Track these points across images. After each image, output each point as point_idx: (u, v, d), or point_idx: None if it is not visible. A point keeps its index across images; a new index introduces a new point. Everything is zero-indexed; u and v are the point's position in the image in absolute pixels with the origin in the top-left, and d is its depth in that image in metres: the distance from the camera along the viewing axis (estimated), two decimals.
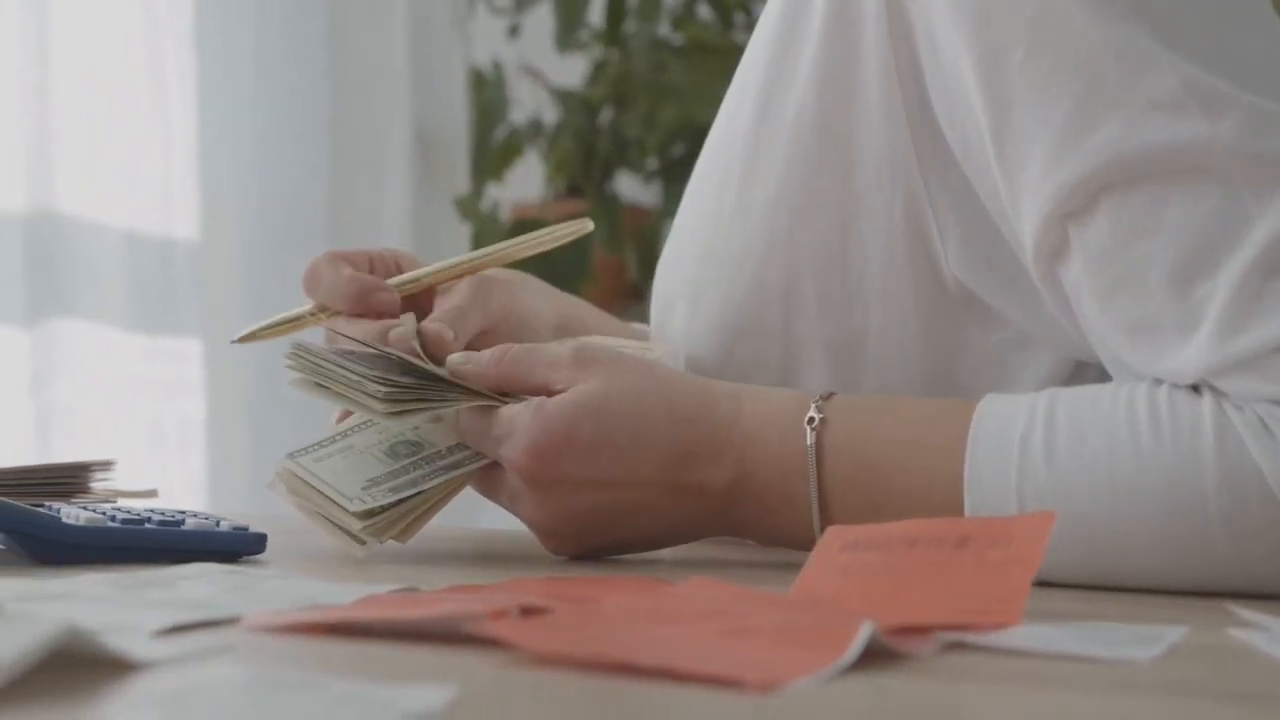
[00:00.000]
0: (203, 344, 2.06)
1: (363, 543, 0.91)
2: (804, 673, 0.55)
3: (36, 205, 1.88)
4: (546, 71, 2.66)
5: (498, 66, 2.61)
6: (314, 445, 0.96)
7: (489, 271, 1.05)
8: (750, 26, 2.56)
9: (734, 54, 2.50)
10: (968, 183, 0.92)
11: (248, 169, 2.17)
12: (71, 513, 0.87)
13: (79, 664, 0.53)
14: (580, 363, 0.90)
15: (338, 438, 0.96)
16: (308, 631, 0.63)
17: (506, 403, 0.92)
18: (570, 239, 1.06)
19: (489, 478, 0.93)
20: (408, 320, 0.99)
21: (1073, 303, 0.88)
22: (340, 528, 0.91)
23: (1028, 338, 0.95)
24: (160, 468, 1.96)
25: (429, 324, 0.98)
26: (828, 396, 0.90)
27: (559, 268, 2.40)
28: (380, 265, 1.05)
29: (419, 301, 1.03)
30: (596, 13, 2.61)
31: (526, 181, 2.65)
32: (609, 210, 2.54)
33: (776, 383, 0.99)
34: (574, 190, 2.61)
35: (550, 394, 0.90)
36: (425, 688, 0.51)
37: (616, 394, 0.89)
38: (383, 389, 0.90)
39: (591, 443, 0.88)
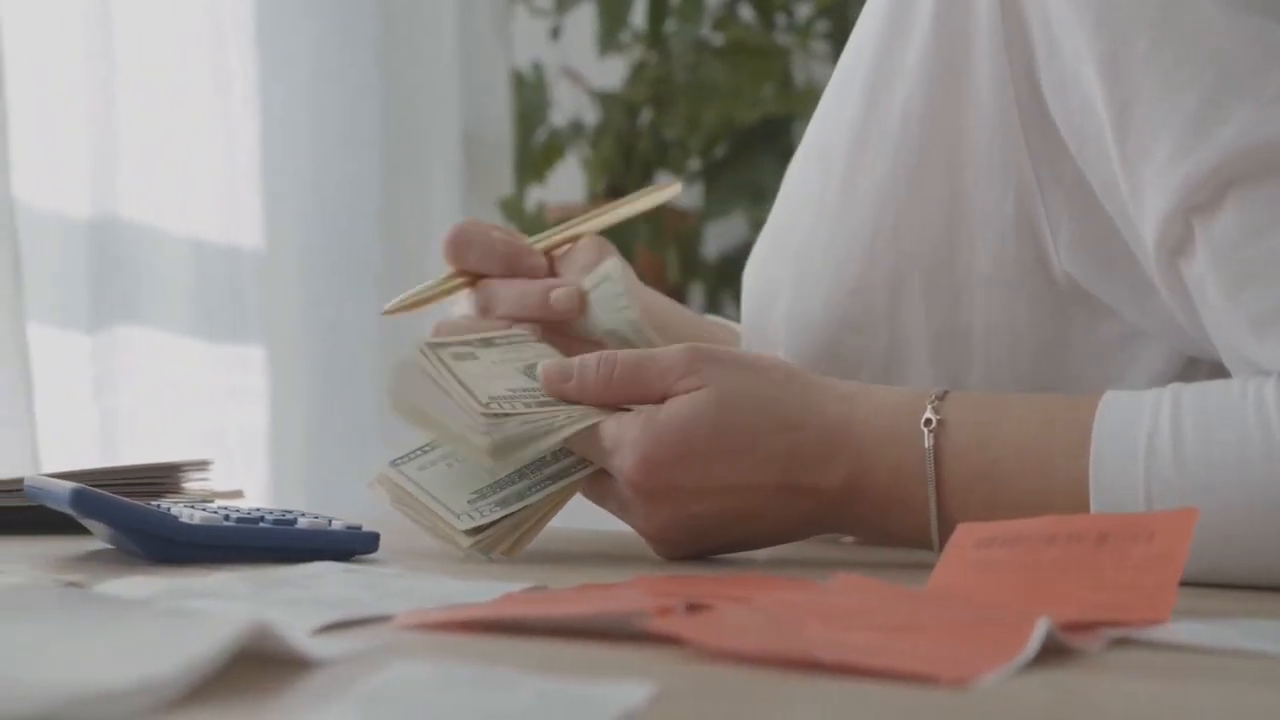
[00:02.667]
0: (266, 350, 2.06)
1: (464, 549, 0.90)
2: (991, 667, 0.55)
3: (101, 212, 1.88)
4: (585, 73, 2.66)
5: (538, 68, 2.60)
6: (416, 452, 0.94)
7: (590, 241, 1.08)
8: (791, 28, 2.56)
9: (775, 55, 2.51)
10: (1081, 177, 0.91)
11: (306, 176, 2.17)
12: (187, 512, 0.86)
13: (247, 662, 0.53)
14: (694, 368, 0.89)
15: (439, 443, 0.94)
16: (464, 629, 0.63)
17: (613, 413, 0.90)
18: (663, 200, 1.13)
19: (598, 485, 0.92)
20: (568, 280, 1.01)
21: (1194, 297, 0.87)
22: (449, 541, 0.90)
23: (1136, 333, 0.94)
24: (223, 474, 1.95)
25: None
26: (942, 396, 0.89)
27: None
28: (503, 235, 1.08)
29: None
30: (638, 14, 2.60)
31: (566, 183, 2.65)
32: (651, 211, 2.53)
33: (880, 377, 0.98)
34: (615, 191, 2.60)
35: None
36: (625, 685, 0.50)
37: (729, 401, 0.88)
38: (486, 441, 0.88)
39: (704, 452, 0.87)
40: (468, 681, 0.50)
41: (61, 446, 1.81)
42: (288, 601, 0.69)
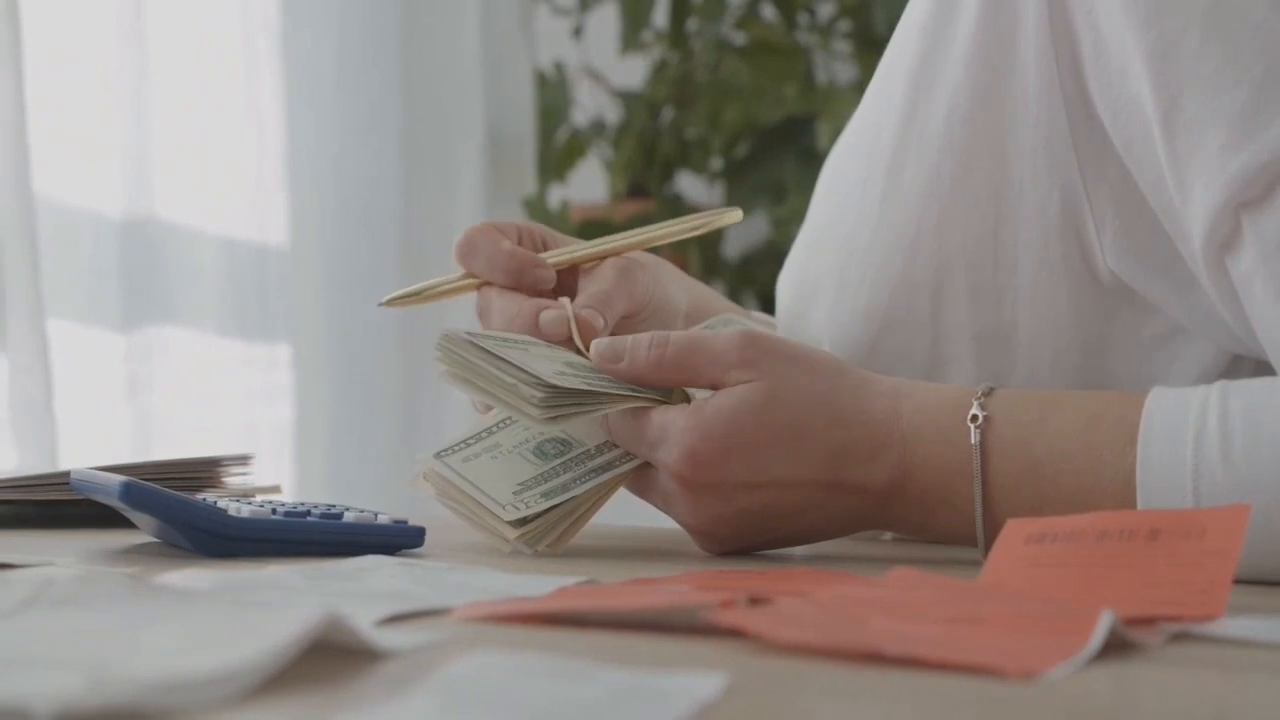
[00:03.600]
0: (291, 348, 2.07)
1: (510, 542, 0.90)
2: (1057, 661, 0.55)
3: (133, 211, 1.88)
4: (605, 72, 2.66)
5: (560, 68, 2.60)
6: (460, 444, 0.94)
7: (631, 255, 1.04)
8: (814, 27, 2.56)
9: (797, 54, 2.52)
10: (1127, 174, 0.91)
11: (331, 175, 2.17)
12: (235, 505, 0.87)
13: (315, 653, 0.53)
14: (747, 359, 0.88)
15: (483, 435, 0.94)
16: (524, 622, 0.63)
17: (660, 402, 0.90)
18: (717, 227, 1.06)
19: (642, 477, 0.92)
20: (563, 304, 0.98)
21: (1241, 294, 0.87)
22: (493, 533, 0.90)
23: (1180, 330, 0.95)
24: (254, 470, 1.96)
25: (580, 309, 0.97)
26: (989, 392, 0.89)
27: None
28: (528, 238, 1.05)
29: (563, 280, 1.02)
30: (659, 13, 2.60)
31: (587, 182, 2.65)
32: (673, 211, 2.54)
33: (922, 375, 0.98)
34: (636, 190, 2.61)
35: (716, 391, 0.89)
36: (699, 676, 0.50)
37: (779, 394, 0.87)
38: (539, 394, 0.88)
39: (750, 447, 0.87)
40: (543, 672, 0.50)
41: (93, 445, 1.81)
42: (344, 594, 0.69)
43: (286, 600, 0.65)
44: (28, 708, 0.42)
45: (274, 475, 1.99)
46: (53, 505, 1.00)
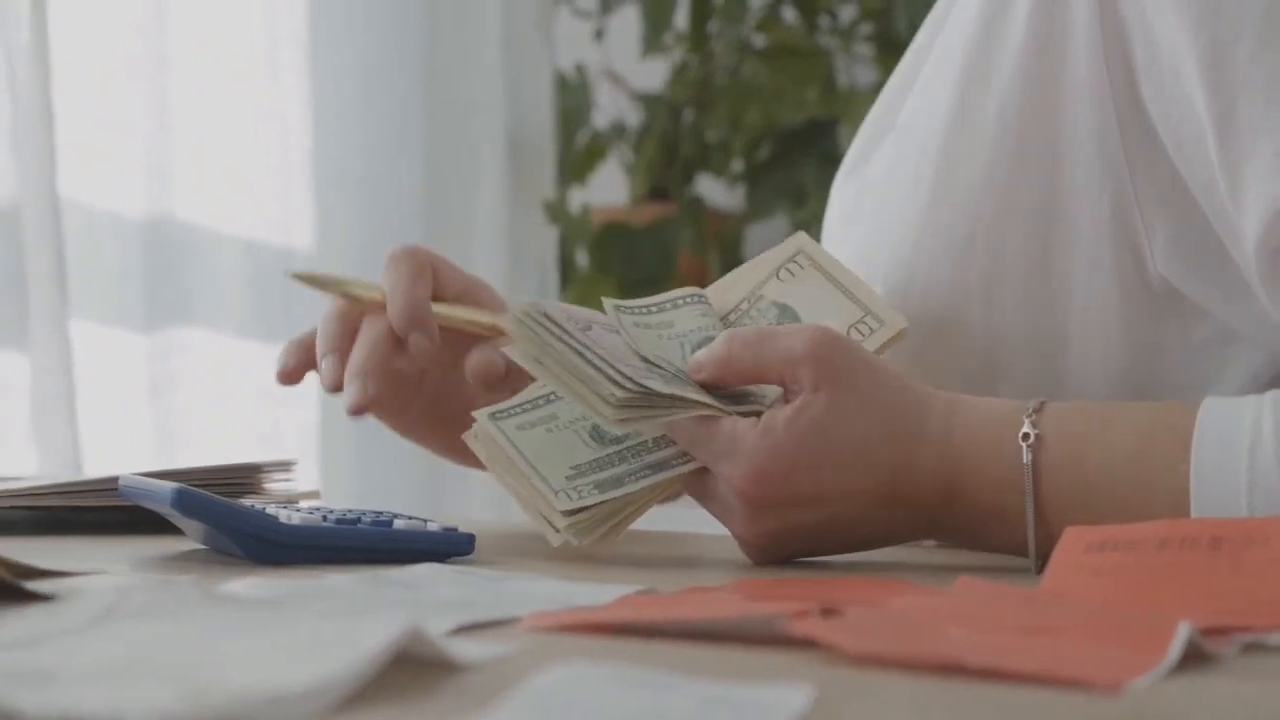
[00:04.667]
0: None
1: (558, 530, 0.88)
2: (1140, 671, 0.55)
3: (156, 212, 1.88)
4: (625, 75, 2.66)
5: (580, 70, 2.60)
6: (516, 407, 0.92)
7: None
8: (835, 30, 2.55)
9: (818, 57, 2.51)
10: (1178, 177, 0.91)
11: (354, 178, 2.17)
12: (285, 512, 0.86)
13: (393, 665, 0.52)
14: (819, 356, 0.87)
15: (539, 402, 0.92)
16: (595, 632, 0.63)
17: (729, 413, 0.88)
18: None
19: (700, 482, 0.90)
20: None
21: None
22: (539, 513, 0.89)
23: (1231, 336, 0.94)
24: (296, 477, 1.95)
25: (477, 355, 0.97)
26: (1040, 408, 0.88)
27: (645, 270, 2.40)
28: (467, 295, 1.01)
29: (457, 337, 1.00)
30: (680, 16, 2.60)
31: (608, 185, 2.65)
32: (694, 214, 2.54)
33: (970, 380, 0.97)
34: (656, 193, 2.60)
35: (787, 391, 0.88)
36: (785, 688, 0.50)
37: (842, 406, 0.86)
38: (620, 394, 0.86)
39: (815, 463, 0.86)
40: (629, 683, 0.50)
41: (115, 447, 1.81)
42: (405, 603, 0.69)
43: (350, 609, 0.65)
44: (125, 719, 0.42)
45: (299, 479, 1.98)
46: (92, 511, 1.00)
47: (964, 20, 1.00)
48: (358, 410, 0.93)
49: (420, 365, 0.99)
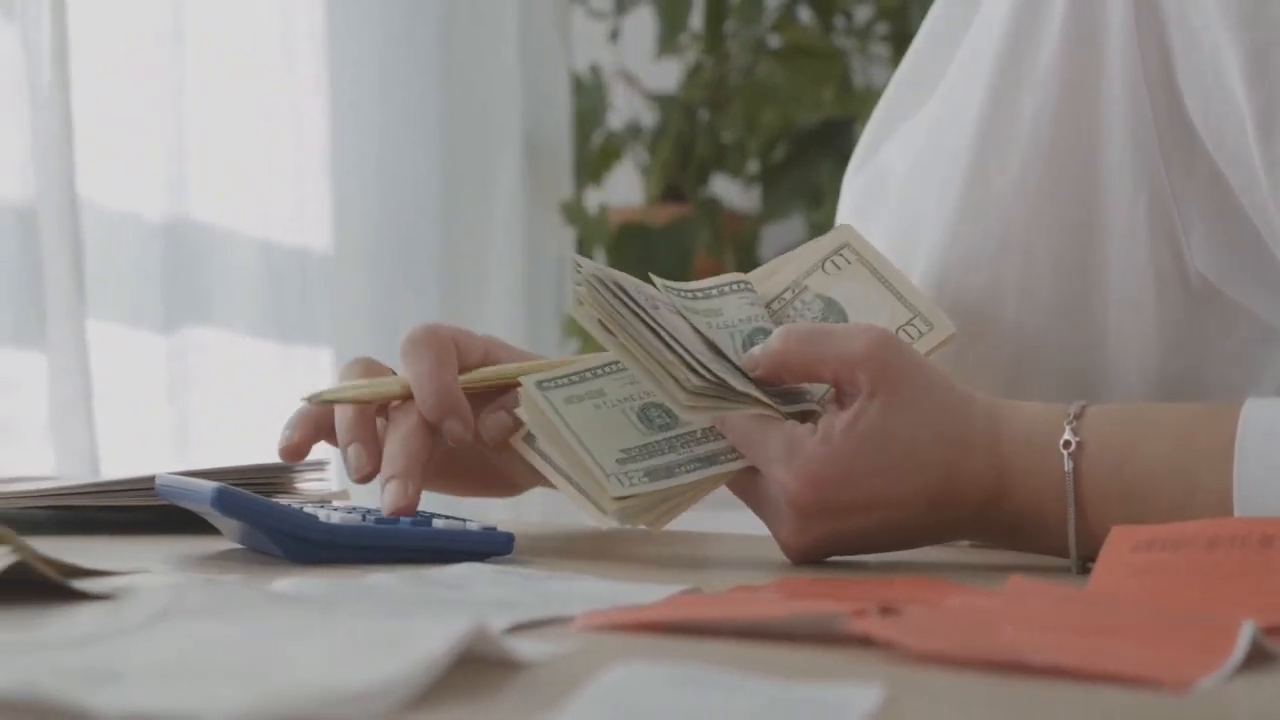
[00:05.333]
0: (333, 352, 2.06)
1: (605, 513, 0.87)
2: (1207, 671, 0.54)
3: (174, 213, 1.88)
4: (639, 75, 2.65)
5: (595, 71, 2.60)
6: (564, 377, 0.90)
7: None
8: (851, 30, 2.55)
9: (834, 57, 2.50)
10: (1217, 175, 0.91)
11: (372, 178, 2.17)
12: (324, 512, 0.86)
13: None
14: (875, 363, 0.86)
15: (587, 375, 0.90)
16: (648, 631, 0.62)
17: (783, 414, 0.87)
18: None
19: (751, 485, 0.89)
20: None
21: None
22: (583, 491, 0.87)
23: (1271, 335, 0.94)
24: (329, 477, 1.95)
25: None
26: (1080, 414, 0.87)
27: (662, 270, 2.39)
28: (489, 359, 0.99)
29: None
30: (695, 16, 2.59)
31: (623, 185, 2.64)
32: (710, 214, 2.53)
33: (1003, 382, 0.97)
34: (670, 194, 2.60)
35: (839, 391, 0.87)
36: (854, 687, 0.49)
37: (898, 416, 0.85)
38: (695, 380, 0.85)
39: (870, 471, 0.85)
40: (696, 683, 0.49)
41: (132, 447, 1.81)
42: (454, 602, 0.68)
43: (399, 608, 0.64)
44: (197, 719, 0.41)
45: (317, 481, 1.98)
46: (125, 510, 0.99)
47: (993, 21, 0.99)
48: (401, 514, 0.92)
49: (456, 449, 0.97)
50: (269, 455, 1.79)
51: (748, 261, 2.54)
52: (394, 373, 0.98)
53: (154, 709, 0.42)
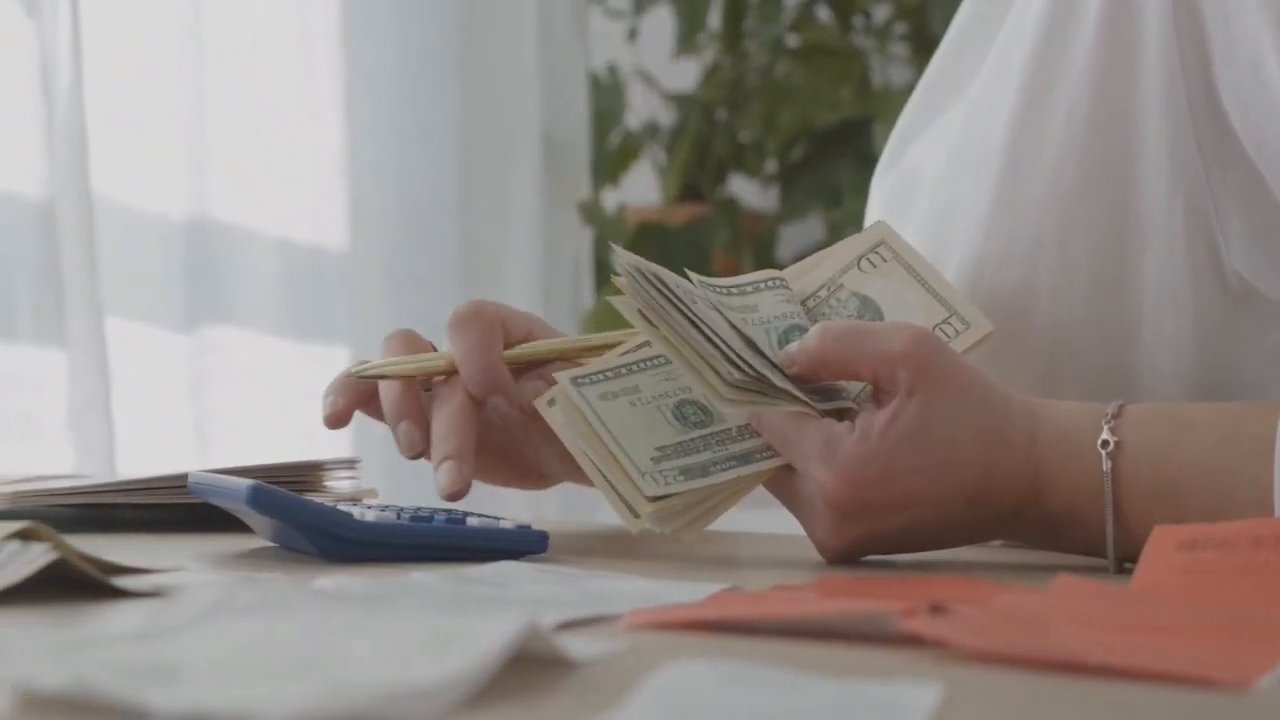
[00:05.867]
0: (351, 351, 2.06)
1: (637, 516, 0.86)
2: (1265, 669, 0.53)
3: (194, 212, 1.88)
4: (657, 75, 2.65)
5: (613, 70, 2.59)
6: (598, 374, 0.89)
7: None
8: (870, 29, 2.54)
9: (853, 57, 2.50)
10: (1254, 173, 0.90)
11: (390, 178, 2.17)
12: (359, 510, 0.85)
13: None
14: (914, 362, 0.85)
15: (622, 371, 0.90)
16: (696, 629, 0.62)
17: (820, 411, 0.87)
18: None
19: (787, 483, 0.88)
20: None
21: None
22: (617, 491, 0.86)
23: None
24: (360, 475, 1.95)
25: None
26: (1118, 413, 0.86)
27: (680, 270, 2.39)
28: (532, 336, 0.99)
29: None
30: (714, 16, 2.59)
31: (641, 185, 2.64)
32: (728, 214, 2.53)
33: (1036, 382, 0.96)
34: (689, 194, 2.59)
35: (877, 389, 0.86)
36: (914, 686, 0.49)
37: (937, 415, 0.85)
38: (736, 374, 0.84)
39: (908, 470, 0.85)
40: (754, 681, 0.49)
41: (152, 444, 1.80)
42: (497, 600, 0.68)
43: (444, 606, 0.64)
44: (258, 717, 0.41)
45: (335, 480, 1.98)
46: (156, 508, 0.99)
47: (1026, 22, 0.98)
48: (457, 496, 0.92)
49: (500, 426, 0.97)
50: (289, 453, 1.79)
51: (766, 261, 2.53)
52: (435, 348, 0.98)
53: (213, 706, 0.41)
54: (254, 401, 1.94)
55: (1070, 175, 0.95)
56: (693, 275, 0.92)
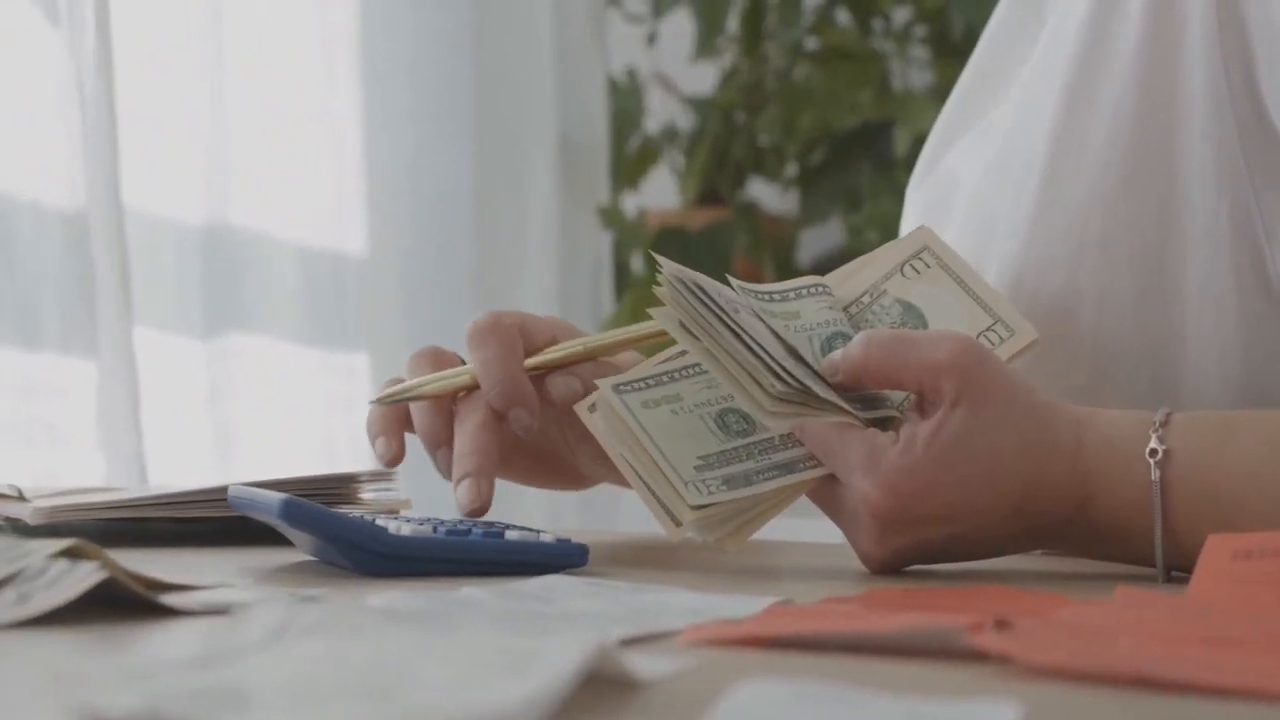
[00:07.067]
0: (370, 358, 2.05)
1: (679, 525, 0.85)
2: None
3: (213, 218, 1.87)
4: (675, 78, 2.64)
5: (632, 74, 2.58)
6: (639, 380, 0.89)
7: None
8: (889, 33, 2.53)
9: (873, 60, 2.49)
10: None
11: (408, 183, 2.16)
12: (395, 523, 0.84)
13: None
14: (960, 371, 0.84)
15: (663, 379, 0.89)
16: (757, 645, 0.61)
17: (864, 421, 0.86)
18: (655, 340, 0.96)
19: (829, 493, 0.87)
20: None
21: None
22: (658, 499, 0.86)
23: None
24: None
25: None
26: (1166, 421, 0.85)
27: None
28: (544, 340, 0.98)
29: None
30: (732, 19, 2.58)
31: (660, 189, 2.63)
32: (748, 218, 2.52)
33: (1077, 390, 0.95)
34: (709, 197, 2.58)
35: (921, 399, 0.86)
36: (993, 704, 0.48)
37: (982, 425, 0.84)
38: (779, 385, 0.83)
39: (953, 482, 0.84)
40: (833, 700, 0.48)
41: (178, 453, 1.80)
42: (551, 617, 0.67)
43: (499, 624, 0.63)
44: None
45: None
46: (195, 522, 0.98)
47: (1068, 26, 0.98)
48: (476, 514, 0.93)
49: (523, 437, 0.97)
50: (308, 460, 1.78)
51: (786, 265, 2.52)
52: (462, 361, 0.98)
53: None
54: (274, 409, 1.94)
55: (1114, 177, 0.94)
56: (734, 282, 0.91)
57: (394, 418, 0.98)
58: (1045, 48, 1.01)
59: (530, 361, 0.96)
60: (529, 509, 2.12)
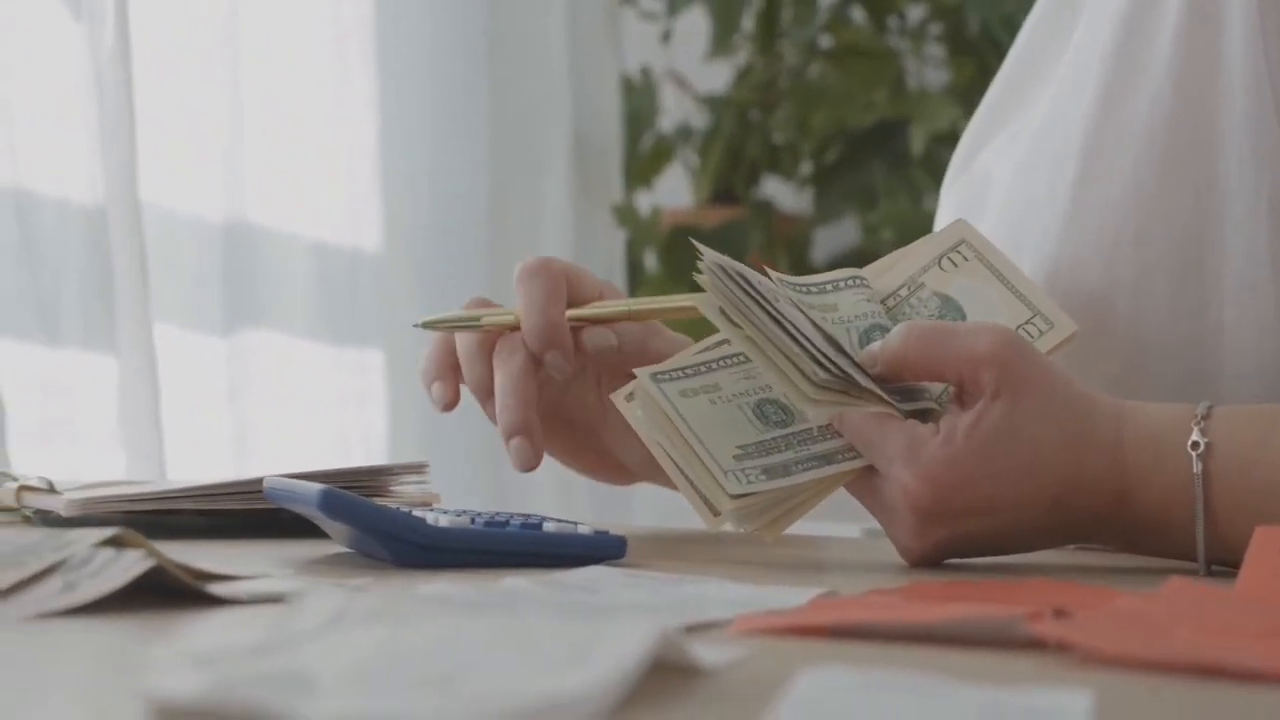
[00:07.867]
0: (384, 354, 2.05)
1: (717, 514, 0.85)
2: None
3: (232, 216, 1.87)
4: (689, 76, 2.64)
5: (646, 72, 2.58)
6: (678, 370, 0.88)
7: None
8: (904, 31, 2.53)
9: (888, 58, 2.48)
10: None
11: (422, 180, 2.16)
12: (432, 515, 0.84)
13: None
14: (1000, 363, 0.84)
15: (701, 369, 0.89)
16: (810, 634, 0.60)
17: (904, 412, 0.85)
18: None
19: (868, 484, 0.87)
20: None
21: None
22: (697, 489, 0.85)
23: None
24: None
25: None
26: (1207, 414, 0.85)
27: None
28: (593, 295, 0.99)
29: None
30: (747, 18, 2.57)
31: (674, 188, 2.62)
32: (762, 216, 2.51)
33: (1113, 382, 0.95)
34: (722, 196, 2.58)
35: (961, 391, 0.85)
36: (1065, 693, 0.47)
37: (1022, 417, 0.83)
38: (822, 374, 0.83)
39: (992, 473, 0.83)
40: (900, 688, 0.47)
41: (197, 449, 1.80)
42: (599, 607, 0.66)
43: (551, 613, 0.62)
44: None
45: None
46: (231, 514, 0.98)
47: (1103, 21, 0.97)
48: (529, 470, 0.94)
49: (558, 381, 0.98)
50: (325, 458, 1.77)
51: (800, 264, 2.52)
52: None
53: (368, 715, 0.40)
54: (290, 405, 1.93)
55: (1151, 170, 0.94)
56: (772, 273, 0.91)
57: (449, 364, 1.00)
58: (1080, 43, 1.01)
59: (572, 313, 0.97)
60: (538, 495, 2.12)
